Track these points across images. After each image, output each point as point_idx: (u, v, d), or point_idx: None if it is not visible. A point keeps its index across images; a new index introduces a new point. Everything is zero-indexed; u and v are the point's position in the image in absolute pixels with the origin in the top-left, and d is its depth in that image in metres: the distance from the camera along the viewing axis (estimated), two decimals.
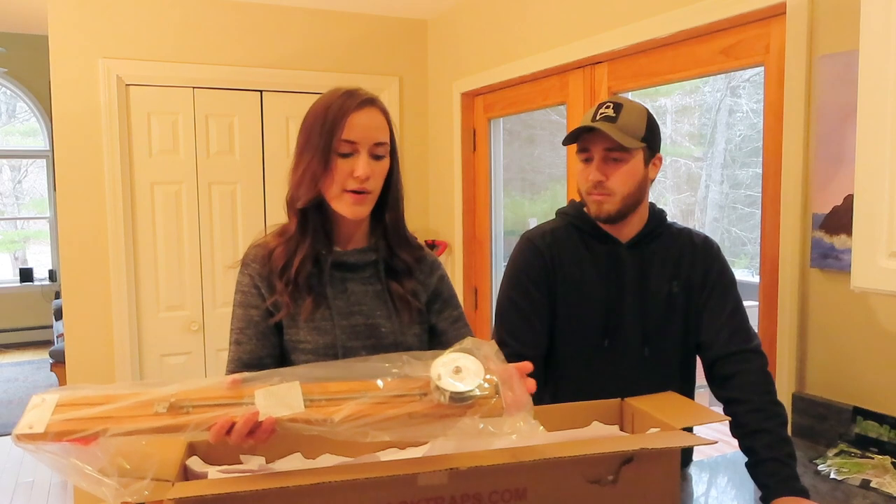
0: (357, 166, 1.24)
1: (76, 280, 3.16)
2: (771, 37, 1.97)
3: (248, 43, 3.41)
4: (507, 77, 3.09)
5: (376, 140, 1.26)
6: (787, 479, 1.28)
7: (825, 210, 1.75)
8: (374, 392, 0.93)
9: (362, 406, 0.91)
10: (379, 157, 1.27)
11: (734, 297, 1.52)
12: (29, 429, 0.88)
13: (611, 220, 1.49)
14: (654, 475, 1.03)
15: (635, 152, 1.45)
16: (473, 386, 0.91)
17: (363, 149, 1.25)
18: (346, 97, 1.26)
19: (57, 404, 0.91)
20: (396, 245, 1.36)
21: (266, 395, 0.93)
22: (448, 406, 0.91)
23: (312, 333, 1.29)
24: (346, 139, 1.23)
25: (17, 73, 6.59)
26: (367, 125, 1.25)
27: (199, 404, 0.92)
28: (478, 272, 3.56)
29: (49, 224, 7.45)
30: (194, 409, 0.91)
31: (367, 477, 0.88)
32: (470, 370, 0.92)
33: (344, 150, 1.24)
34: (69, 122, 3.11)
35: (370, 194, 1.27)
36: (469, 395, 0.91)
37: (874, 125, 1.21)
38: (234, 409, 0.91)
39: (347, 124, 1.23)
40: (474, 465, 0.91)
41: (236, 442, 0.90)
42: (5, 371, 6.31)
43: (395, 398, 0.92)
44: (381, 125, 1.27)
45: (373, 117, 1.26)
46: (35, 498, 3.62)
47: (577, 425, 1.22)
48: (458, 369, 0.92)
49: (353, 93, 1.27)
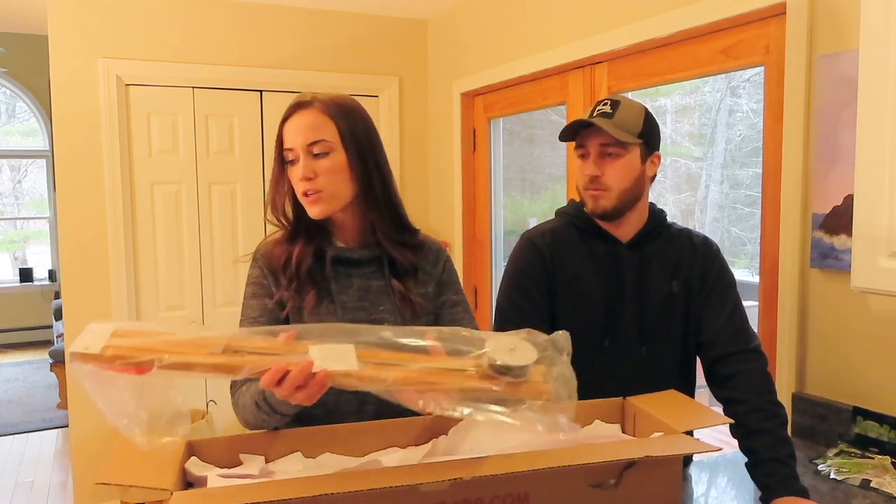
0: (298, 171, 1.27)
1: (76, 280, 3.16)
2: (771, 37, 1.97)
3: (247, 43, 3.41)
4: (507, 77, 3.09)
5: (308, 140, 1.25)
6: (787, 479, 1.28)
7: (825, 210, 1.75)
8: (427, 363, 0.93)
9: (415, 373, 0.91)
10: (318, 156, 1.26)
11: (734, 297, 1.52)
12: (84, 349, 0.87)
13: (607, 216, 1.49)
14: (656, 479, 1.03)
15: (631, 148, 1.45)
16: (524, 363, 0.93)
17: (301, 152, 1.26)
18: (288, 109, 1.29)
19: (113, 333, 0.90)
20: (392, 244, 1.35)
21: (321, 350, 0.93)
22: (496, 380, 0.92)
23: None
24: (287, 147, 1.28)
25: (16, 73, 6.59)
26: (298, 129, 1.26)
27: (254, 351, 0.92)
28: (478, 272, 3.56)
29: (49, 224, 7.44)
30: (248, 355, 0.91)
31: (371, 488, 0.87)
32: (525, 352, 0.94)
33: (288, 158, 1.28)
34: (69, 122, 3.11)
35: (321, 192, 1.27)
36: (517, 371, 0.92)
37: (874, 125, 1.21)
38: (289, 359, 0.92)
39: (284, 134, 1.28)
40: (477, 475, 0.90)
41: (286, 393, 0.91)
42: (5, 371, 6.31)
43: (448, 371, 0.93)
44: (315, 124, 1.26)
45: (303, 119, 1.27)
46: (35, 498, 3.62)
47: (579, 424, 1.22)
48: (513, 348, 0.94)
49: (293, 101, 1.30)
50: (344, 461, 1.11)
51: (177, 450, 1.03)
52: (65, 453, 4.22)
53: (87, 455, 3.19)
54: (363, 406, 1.33)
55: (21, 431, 4.66)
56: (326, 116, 1.27)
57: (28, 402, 5.36)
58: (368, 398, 1.33)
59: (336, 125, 1.27)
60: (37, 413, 5.06)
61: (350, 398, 1.33)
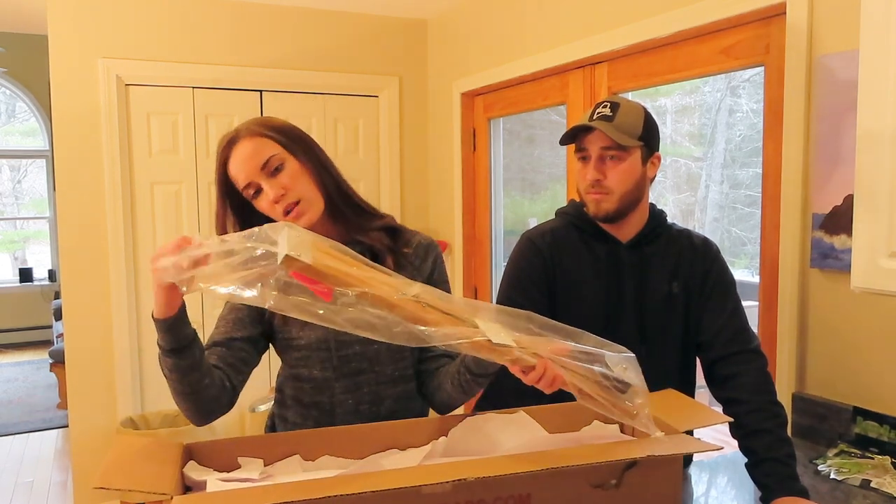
0: (263, 199, 1.26)
1: (76, 280, 3.16)
2: (771, 37, 1.97)
3: (247, 43, 3.41)
4: (507, 77, 3.09)
5: (260, 163, 1.25)
6: (787, 479, 1.28)
7: (825, 210, 1.75)
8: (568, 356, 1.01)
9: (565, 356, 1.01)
10: (276, 171, 1.26)
11: (734, 298, 1.52)
12: (297, 255, 0.87)
13: (609, 218, 1.49)
14: (657, 479, 1.03)
15: (633, 151, 1.45)
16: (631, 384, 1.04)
17: (260, 178, 1.25)
18: (219, 153, 1.29)
19: (313, 245, 0.91)
20: (364, 233, 1.33)
21: (488, 328, 0.99)
22: (606, 388, 1.02)
23: (304, 330, 1.30)
24: (245, 185, 1.26)
25: (16, 73, 6.58)
26: (244, 160, 1.25)
27: (440, 309, 0.97)
28: (478, 272, 3.56)
29: (49, 224, 7.44)
30: (434, 312, 0.96)
31: (372, 491, 0.87)
32: (633, 374, 1.06)
33: (250, 194, 1.26)
34: (69, 122, 3.11)
35: (300, 202, 1.26)
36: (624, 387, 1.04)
37: (874, 125, 1.21)
38: (461, 328, 0.96)
39: (234, 175, 1.26)
40: (479, 477, 0.90)
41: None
42: (5, 371, 6.31)
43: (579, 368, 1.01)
44: (256, 148, 1.26)
45: (243, 150, 1.26)
46: (35, 498, 3.62)
47: (578, 425, 1.22)
48: (626, 368, 1.04)
49: (221, 144, 1.29)
50: (343, 464, 1.11)
51: (175, 453, 1.03)
52: (65, 453, 4.23)
53: (87, 455, 3.19)
54: (359, 406, 1.33)
55: (21, 431, 4.66)
56: (260, 137, 1.27)
57: (28, 402, 5.36)
58: (363, 398, 1.33)
59: (272, 139, 1.27)
60: (37, 413, 5.06)
61: (346, 398, 1.33)
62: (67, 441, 4.35)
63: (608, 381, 1.02)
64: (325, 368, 1.31)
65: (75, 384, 3.19)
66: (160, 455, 1.01)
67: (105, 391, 3.21)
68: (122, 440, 1.05)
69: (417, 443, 1.16)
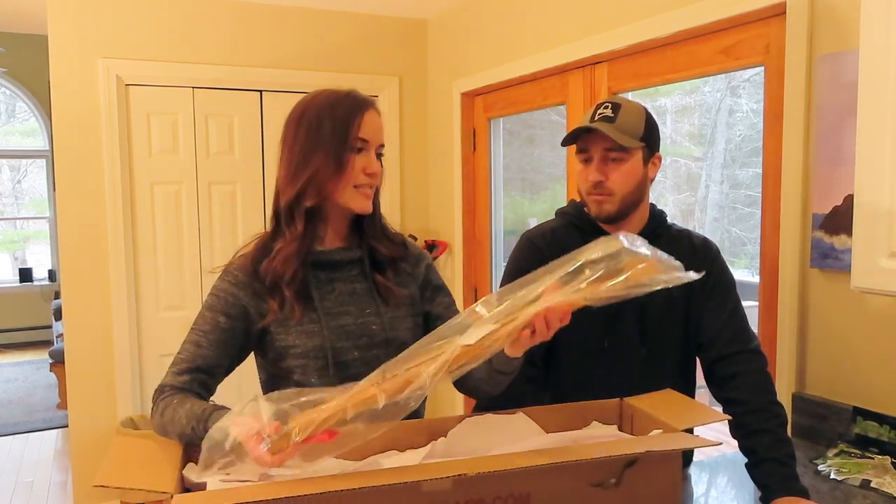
0: (369, 163, 1.28)
1: (76, 280, 3.16)
2: (771, 37, 1.97)
3: (247, 43, 3.41)
4: (507, 77, 3.09)
5: (381, 141, 1.32)
6: (787, 479, 1.28)
7: (825, 210, 1.75)
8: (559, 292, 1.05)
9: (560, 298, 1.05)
10: (379, 157, 1.32)
11: (734, 298, 1.52)
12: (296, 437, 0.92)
13: (611, 219, 1.49)
14: (656, 477, 1.03)
15: (634, 152, 1.45)
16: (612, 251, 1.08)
17: (372, 147, 1.29)
18: (353, 97, 1.29)
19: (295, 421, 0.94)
20: (376, 239, 1.37)
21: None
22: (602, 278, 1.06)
23: (301, 337, 1.27)
24: (362, 137, 1.27)
25: (16, 72, 6.58)
26: (377, 126, 1.30)
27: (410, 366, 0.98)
28: (478, 272, 3.56)
29: (49, 224, 7.44)
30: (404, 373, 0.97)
31: (373, 485, 0.87)
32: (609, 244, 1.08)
33: (357, 146, 1.27)
34: (69, 122, 3.11)
35: (374, 190, 1.32)
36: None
37: (874, 125, 1.21)
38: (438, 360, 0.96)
39: (363, 125, 1.27)
40: (479, 472, 0.90)
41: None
42: (5, 371, 6.31)
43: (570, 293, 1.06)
44: (382, 128, 1.32)
45: (378, 119, 1.32)
46: (35, 498, 3.62)
47: (577, 425, 1.22)
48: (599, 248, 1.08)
49: (356, 93, 1.31)
50: (343, 464, 1.11)
51: (175, 452, 1.03)
52: (65, 453, 4.23)
53: (87, 455, 3.19)
54: None
55: (21, 431, 4.66)
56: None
57: (28, 402, 5.36)
58: None
59: None
60: (37, 413, 5.06)
61: None
62: (67, 441, 4.35)
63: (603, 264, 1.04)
64: (322, 376, 1.30)
65: (75, 384, 3.19)
66: (160, 455, 1.01)
67: (105, 391, 3.21)
68: (122, 440, 1.05)
69: (417, 444, 1.16)
